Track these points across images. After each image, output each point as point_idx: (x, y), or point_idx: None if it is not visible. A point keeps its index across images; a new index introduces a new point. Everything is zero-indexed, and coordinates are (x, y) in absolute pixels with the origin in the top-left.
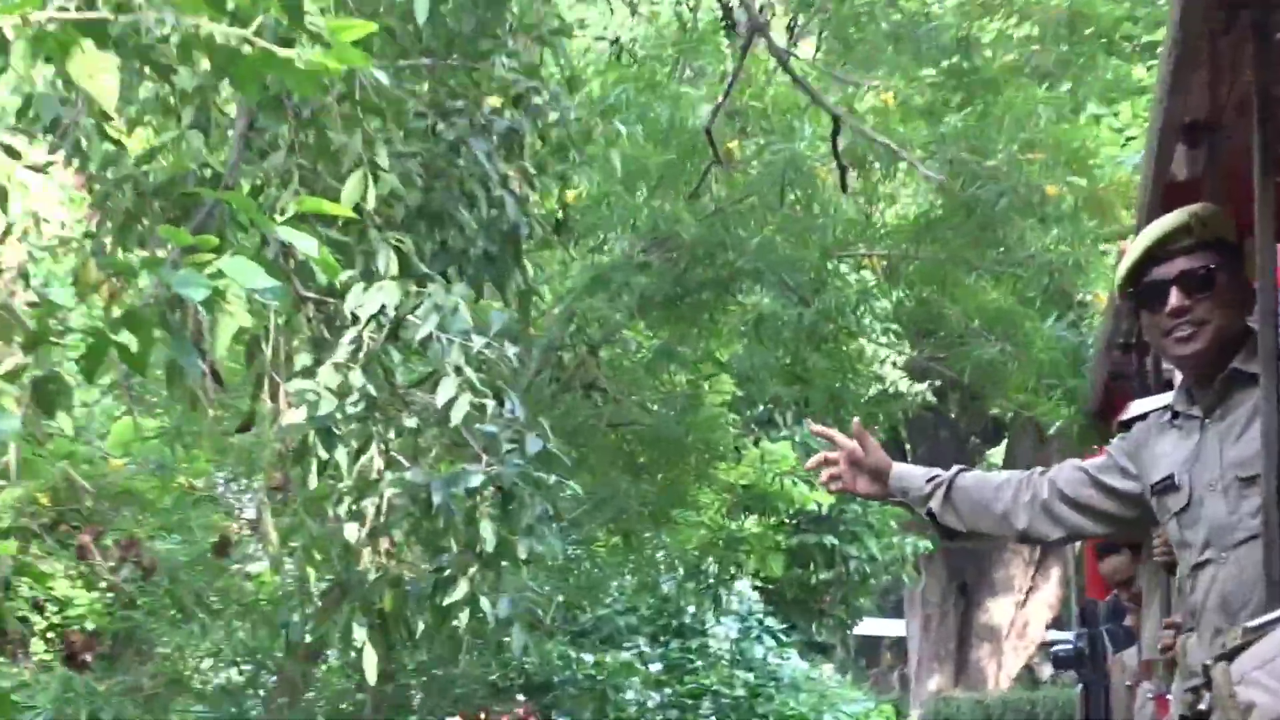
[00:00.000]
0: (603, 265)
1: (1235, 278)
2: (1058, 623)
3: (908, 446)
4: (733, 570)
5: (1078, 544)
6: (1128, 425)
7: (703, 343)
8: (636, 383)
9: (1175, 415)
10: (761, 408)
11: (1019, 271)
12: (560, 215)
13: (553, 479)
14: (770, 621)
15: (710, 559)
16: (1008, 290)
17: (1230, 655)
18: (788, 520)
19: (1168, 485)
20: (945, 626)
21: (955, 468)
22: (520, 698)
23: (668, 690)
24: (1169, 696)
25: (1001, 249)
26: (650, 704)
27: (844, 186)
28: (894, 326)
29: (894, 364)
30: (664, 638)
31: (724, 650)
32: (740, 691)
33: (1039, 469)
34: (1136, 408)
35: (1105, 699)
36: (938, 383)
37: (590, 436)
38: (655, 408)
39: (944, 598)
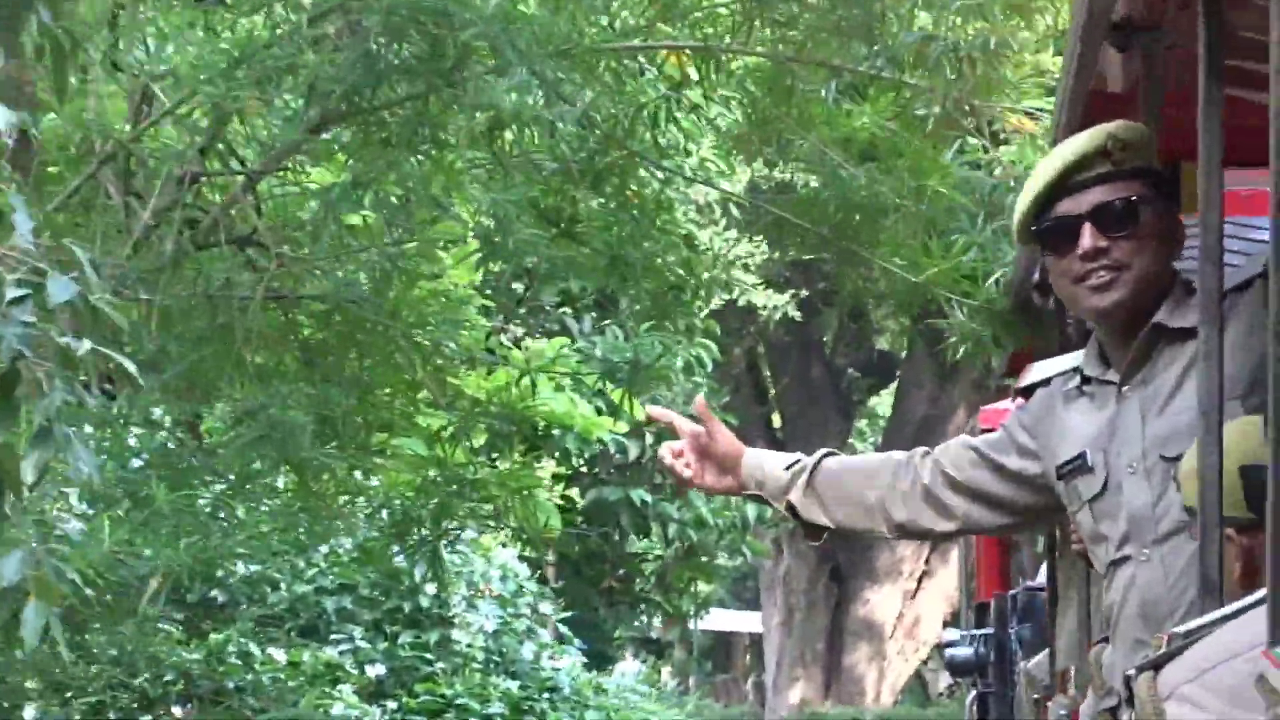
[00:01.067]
0: (262, 38)
1: (1161, 213)
2: (957, 619)
3: (771, 392)
4: (462, 523)
5: None
6: (1028, 392)
7: (422, 174)
8: (316, 236)
9: (1086, 380)
10: (523, 291)
11: (905, 82)
12: None
13: (84, 346)
14: (546, 608)
15: (426, 505)
16: (884, 109)
17: (1157, 664)
18: (582, 466)
19: (1078, 466)
20: (812, 622)
21: (820, 451)
22: (177, 711)
23: (392, 704)
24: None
25: (875, 47)
26: None
27: None
28: (737, 195)
29: (745, 266)
30: (392, 628)
31: (477, 647)
32: (497, 707)
33: (922, 449)
34: (1037, 371)
35: (1009, 715)
36: (804, 293)
37: (242, 317)
38: (359, 275)
39: (811, 585)
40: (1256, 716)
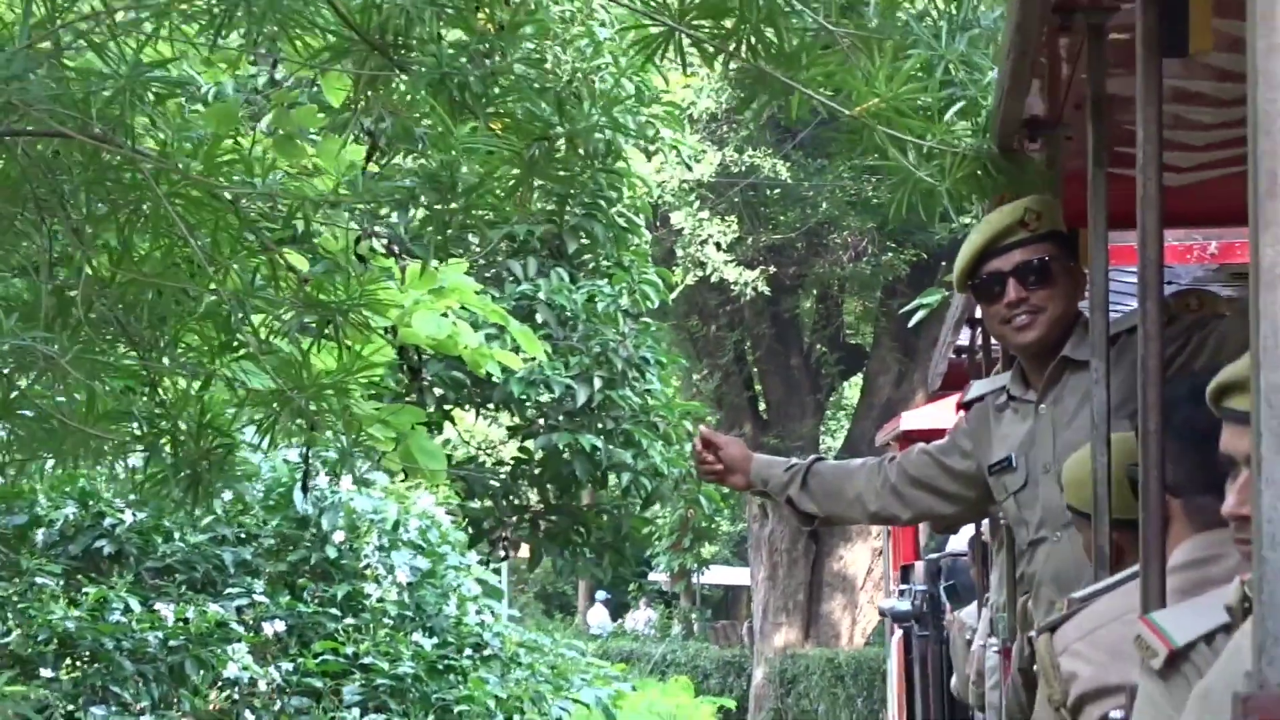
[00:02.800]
0: None
1: (1068, 267)
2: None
3: (758, 389)
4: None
5: None
6: (969, 406)
7: None
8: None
9: (1011, 398)
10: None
11: None
12: None
13: None
14: (471, 559)
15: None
16: None
17: (1054, 626)
18: (531, 414)
19: (1005, 466)
20: (793, 576)
21: (812, 457)
22: (46, 673)
23: (287, 665)
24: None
25: None
26: (262, 685)
27: None
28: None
29: (717, 244)
30: (297, 581)
31: (389, 601)
32: (408, 666)
33: (890, 455)
34: (977, 389)
35: (943, 654)
36: (771, 269)
37: None
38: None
39: (793, 544)
40: (1131, 667)
